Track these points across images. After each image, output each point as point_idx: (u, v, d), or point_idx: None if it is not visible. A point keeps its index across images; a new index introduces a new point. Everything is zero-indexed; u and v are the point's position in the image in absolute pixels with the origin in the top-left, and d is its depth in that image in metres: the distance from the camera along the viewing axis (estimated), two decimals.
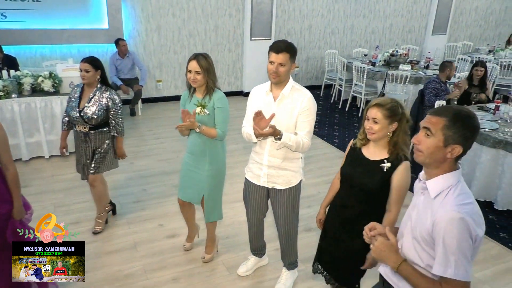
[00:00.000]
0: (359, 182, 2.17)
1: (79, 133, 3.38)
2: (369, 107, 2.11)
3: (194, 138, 2.93)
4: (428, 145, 1.52)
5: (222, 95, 2.89)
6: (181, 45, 7.44)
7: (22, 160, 4.93)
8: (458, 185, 1.53)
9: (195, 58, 2.77)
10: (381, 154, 2.13)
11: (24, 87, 4.84)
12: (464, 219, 1.42)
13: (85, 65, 3.22)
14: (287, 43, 2.51)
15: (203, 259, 3.29)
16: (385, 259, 1.61)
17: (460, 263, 1.43)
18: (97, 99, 3.30)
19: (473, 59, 8.07)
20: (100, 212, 3.65)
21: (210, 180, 2.98)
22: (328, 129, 6.57)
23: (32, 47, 6.49)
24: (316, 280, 3.14)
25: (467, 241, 1.43)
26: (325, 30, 8.79)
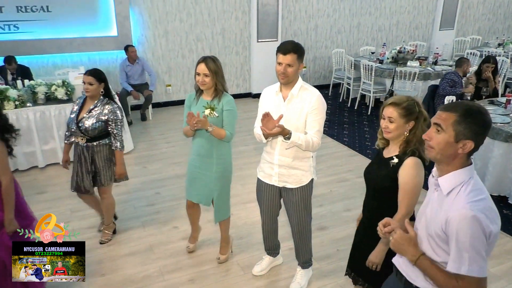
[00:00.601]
0: (370, 179, 2.20)
1: (78, 145, 3.31)
2: (384, 105, 2.09)
3: (200, 140, 2.97)
4: (439, 140, 1.51)
5: (231, 98, 2.95)
6: (189, 49, 7.51)
7: (38, 167, 5.04)
8: (471, 181, 1.52)
9: (204, 60, 2.83)
10: (394, 151, 2.11)
11: (39, 96, 4.95)
12: (476, 216, 1.42)
13: (88, 78, 3.17)
14: (294, 43, 2.55)
15: (218, 259, 3.33)
16: (404, 252, 1.61)
17: (473, 260, 1.43)
18: (96, 111, 3.24)
19: (483, 53, 8.02)
20: (108, 223, 3.63)
21: (218, 181, 3.03)
22: (338, 128, 6.58)
23: (44, 57, 6.62)
24: (330, 278, 3.16)
25: (480, 238, 1.42)
26: (331, 29, 8.80)
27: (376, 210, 2.16)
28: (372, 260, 2.16)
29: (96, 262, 3.36)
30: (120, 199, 4.32)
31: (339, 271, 3.22)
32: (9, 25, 6.24)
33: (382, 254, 2.13)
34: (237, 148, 5.69)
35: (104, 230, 3.64)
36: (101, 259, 3.40)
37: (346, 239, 3.62)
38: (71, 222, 3.92)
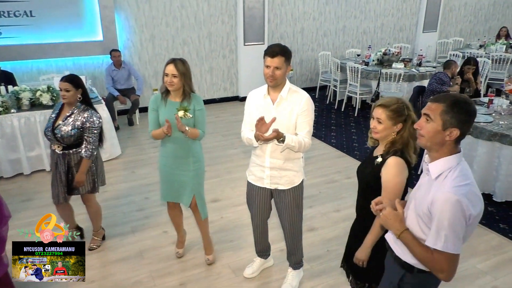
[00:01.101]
0: (358, 176, 2.29)
1: (54, 153, 3.22)
2: (374, 106, 2.14)
3: (174, 142, 2.97)
4: (429, 129, 1.65)
5: (200, 98, 3.02)
6: (175, 53, 7.48)
7: (24, 174, 4.96)
8: (458, 167, 1.65)
9: (173, 62, 2.84)
10: (380, 150, 2.17)
11: (23, 102, 4.88)
12: (459, 200, 1.56)
13: (65, 85, 3.06)
14: (281, 46, 2.57)
15: (208, 261, 3.34)
16: (390, 227, 1.78)
17: (449, 238, 1.59)
18: (73, 118, 3.14)
19: (465, 54, 8.18)
20: (97, 229, 3.59)
21: (196, 179, 3.08)
22: (325, 130, 6.64)
23: (28, 62, 6.53)
24: (321, 278, 3.18)
25: (460, 221, 1.57)
26: (317, 32, 8.88)
27: (363, 207, 2.22)
28: (358, 256, 2.23)
29: (86, 269, 3.30)
30: (108, 204, 4.28)
31: (330, 271, 3.25)
32: None
33: (368, 251, 2.18)
34: (225, 151, 5.70)
35: (93, 236, 3.60)
36: (90, 266, 3.35)
37: (336, 240, 3.66)
38: None
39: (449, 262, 1.62)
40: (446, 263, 1.62)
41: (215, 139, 6.11)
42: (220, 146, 5.87)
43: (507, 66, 8.05)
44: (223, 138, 6.20)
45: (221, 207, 4.24)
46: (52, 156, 3.30)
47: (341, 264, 2.58)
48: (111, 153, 5.44)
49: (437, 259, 1.63)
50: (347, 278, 2.56)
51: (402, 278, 1.85)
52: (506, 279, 3.17)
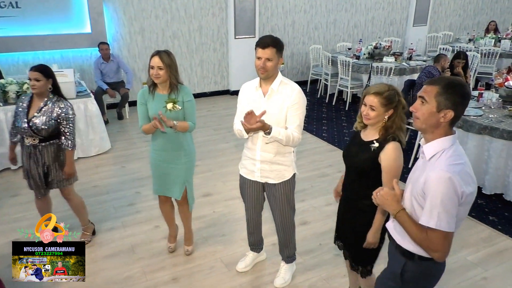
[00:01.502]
0: (350, 161, 2.31)
1: (28, 146, 3.12)
2: (367, 93, 2.18)
3: (164, 137, 2.95)
4: (424, 111, 1.67)
5: (189, 89, 2.98)
6: (165, 46, 7.40)
7: (11, 169, 4.87)
8: (452, 147, 1.68)
9: (158, 54, 2.80)
10: (373, 135, 2.22)
11: (10, 95, 4.77)
12: (451, 178, 1.58)
13: (34, 74, 2.98)
14: (273, 38, 2.55)
15: (187, 251, 3.37)
16: (387, 206, 1.79)
17: (442, 216, 1.61)
18: (47, 109, 3.06)
19: (454, 48, 8.24)
20: (85, 224, 3.54)
21: (187, 171, 3.08)
22: (317, 123, 6.64)
23: (14, 54, 6.40)
24: (314, 272, 3.19)
25: (452, 198, 1.59)
26: (308, 25, 8.85)
27: (359, 190, 2.28)
28: (370, 241, 2.27)
29: None
30: (99, 199, 4.23)
31: (323, 265, 3.26)
32: None
33: (378, 233, 2.25)
34: (217, 145, 5.67)
35: (83, 231, 3.55)
36: None
37: (328, 233, 3.66)
38: None
39: (443, 241, 1.64)
40: (440, 241, 1.64)
41: (207, 133, 6.07)
42: (212, 140, 5.84)
43: (495, 60, 8.14)
44: (215, 132, 6.16)
45: (213, 201, 4.22)
46: (23, 149, 3.18)
47: (335, 241, 2.64)
48: (100, 148, 5.37)
49: (431, 238, 1.65)
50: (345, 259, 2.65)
51: (403, 266, 1.86)
52: (496, 270, 3.21)
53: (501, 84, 4.65)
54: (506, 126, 4.01)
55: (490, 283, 3.09)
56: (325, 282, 3.08)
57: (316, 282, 3.08)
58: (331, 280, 3.10)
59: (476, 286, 3.06)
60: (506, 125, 4.03)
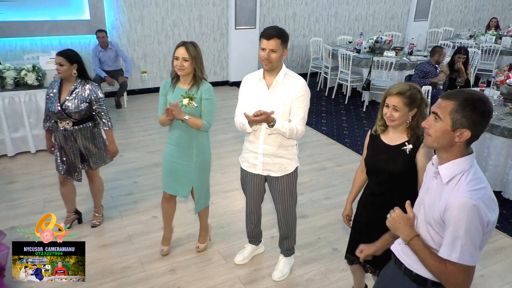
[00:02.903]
0: (384, 169, 2.19)
1: (61, 131, 3.19)
2: (388, 94, 2.11)
3: (179, 130, 2.84)
4: (436, 129, 1.51)
5: (210, 86, 2.82)
6: (165, 35, 7.33)
7: (7, 156, 4.83)
8: (471, 170, 1.51)
9: (184, 44, 2.70)
10: (401, 138, 2.16)
11: (7, 81, 4.71)
12: (476, 205, 1.42)
13: (59, 59, 3.06)
14: (278, 29, 2.50)
15: (197, 248, 3.30)
16: (399, 231, 1.63)
17: (466, 248, 1.45)
18: (78, 92, 3.14)
19: (455, 44, 8.21)
20: (98, 206, 3.61)
21: (198, 171, 2.95)
22: (316, 117, 6.61)
23: (11, 40, 6.31)
24: (312, 265, 3.19)
25: (477, 227, 1.44)
26: (309, 17, 8.78)
27: (394, 194, 2.18)
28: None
29: None
30: None
31: (321, 259, 3.26)
32: None
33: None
34: (216, 137, 5.63)
35: (94, 213, 3.63)
36: None
37: (326, 227, 3.66)
38: (45, 212, 3.72)
39: (464, 275, 1.47)
40: (461, 276, 1.47)
41: None
42: (210, 131, 5.77)
43: (496, 57, 8.12)
44: (213, 123, 6.11)
45: (212, 193, 4.14)
46: (57, 134, 3.25)
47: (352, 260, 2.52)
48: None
49: (450, 272, 1.48)
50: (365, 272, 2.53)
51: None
52: (493, 268, 3.23)
53: (503, 81, 4.63)
54: (507, 124, 4.00)
55: (487, 280, 3.10)
56: (323, 276, 3.08)
57: (314, 275, 3.08)
58: (329, 274, 3.10)
59: (473, 283, 3.05)
60: (506, 123, 4.03)
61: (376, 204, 2.28)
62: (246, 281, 3.02)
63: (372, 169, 2.29)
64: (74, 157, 3.27)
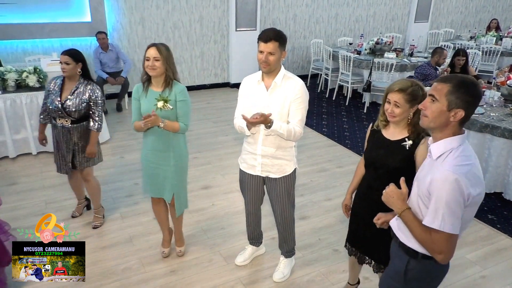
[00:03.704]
0: (383, 163, 2.23)
1: (59, 127, 3.25)
2: (390, 91, 2.15)
3: (154, 135, 2.79)
4: (433, 109, 1.63)
5: (184, 88, 2.78)
6: (166, 37, 7.34)
7: (9, 157, 4.84)
8: (460, 147, 1.64)
9: (154, 45, 2.68)
10: (401, 134, 2.20)
11: (8, 83, 4.72)
12: (457, 179, 1.55)
13: (65, 58, 3.12)
14: (275, 31, 2.51)
15: (179, 253, 3.25)
16: (392, 204, 1.78)
17: (447, 217, 1.58)
18: (79, 92, 3.20)
19: (456, 46, 8.21)
20: (97, 207, 3.63)
21: (176, 173, 2.91)
22: (317, 118, 6.61)
23: (13, 42, 6.33)
24: (313, 267, 3.18)
25: (457, 199, 1.56)
26: (310, 19, 8.79)
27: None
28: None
29: None
30: None
31: (322, 260, 3.25)
32: None
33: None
34: (216, 138, 5.64)
35: (95, 214, 3.65)
36: None
37: (327, 228, 3.66)
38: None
39: (447, 243, 1.61)
40: (443, 243, 1.61)
41: (206, 126, 6.04)
42: (211, 133, 5.81)
43: (496, 58, 8.12)
44: (214, 124, 6.13)
45: (212, 194, 4.21)
46: (56, 131, 3.31)
47: (352, 252, 2.59)
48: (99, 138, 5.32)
49: (435, 239, 1.62)
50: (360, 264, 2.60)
51: (407, 265, 1.84)
52: (494, 269, 3.22)
53: (503, 82, 4.63)
54: (508, 125, 4.00)
55: (488, 281, 3.10)
56: (324, 277, 3.08)
57: (314, 277, 3.08)
58: (330, 275, 3.10)
59: (474, 284, 3.07)
60: (507, 124, 4.02)
61: (373, 198, 2.31)
62: (246, 282, 3.02)
63: (371, 162, 2.32)
64: (66, 153, 3.33)
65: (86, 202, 3.82)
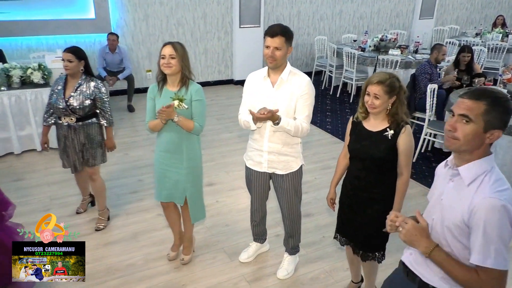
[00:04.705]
0: (368, 154, 2.31)
1: (64, 126, 3.24)
2: (369, 83, 2.24)
3: (169, 135, 2.75)
4: (467, 131, 1.44)
5: (200, 87, 2.74)
6: (169, 34, 7.34)
7: (14, 153, 4.87)
8: (493, 170, 1.47)
9: (170, 43, 2.65)
10: (382, 124, 2.30)
11: (13, 80, 4.74)
12: (505, 206, 1.37)
13: (67, 55, 3.11)
14: (282, 26, 2.51)
15: (182, 261, 3.14)
16: (417, 244, 1.52)
17: (499, 252, 1.39)
18: (83, 89, 3.19)
19: (461, 42, 8.15)
20: (102, 208, 3.57)
21: (189, 177, 2.83)
22: (321, 115, 6.60)
23: (17, 39, 6.35)
24: (317, 264, 3.18)
25: (508, 228, 1.39)
26: (314, 16, 8.76)
27: (375, 180, 2.35)
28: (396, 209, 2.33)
29: None
30: None
31: (325, 257, 3.25)
32: None
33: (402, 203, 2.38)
34: (220, 135, 5.64)
35: (99, 216, 3.60)
36: None
37: (331, 226, 3.64)
38: (51, 210, 3.81)
39: (499, 281, 1.40)
40: (495, 282, 1.40)
41: (210, 123, 6.01)
42: (215, 130, 5.81)
43: (502, 55, 8.05)
44: (218, 121, 6.13)
45: (216, 191, 4.21)
46: (60, 130, 3.31)
47: (341, 242, 2.66)
48: None
49: (485, 280, 1.40)
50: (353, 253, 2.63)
51: None
52: None
53: (510, 79, 4.60)
54: None
55: None
56: (328, 274, 3.08)
57: (318, 274, 3.08)
58: (334, 273, 3.09)
59: None
60: None
61: (360, 186, 2.41)
62: (250, 279, 3.02)
63: (355, 154, 2.39)
64: (73, 152, 3.32)
65: (90, 198, 3.84)
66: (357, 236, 2.51)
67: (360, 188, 2.41)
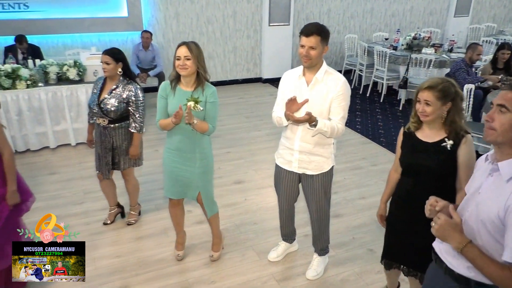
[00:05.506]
0: (424, 166, 2.13)
1: (99, 126, 3.26)
2: (420, 89, 2.08)
3: (181, 134, 2.72)
4: (503, 121, 1.43)
5: (215, 90, 2.72)
6: (199, 32, 7.40)
7: (50, 147, 5.02)
8: None
9: (185, 43, 2.60)
10: (439, 134, 2.11)
11: (50, 76, 4.89)
12: None
13: (105, 57, 3.10)
14: (318, 25, 2.48)
15: (211, 257, 3.16)
16: (450, 239, 1.52)
17: None
18: (118, 92, 3.16)
19: (498, 41, 7.86)
20: (134, 204, 3.64)
21: (202, 176, 2.83)
22: (350, 115, 6.44)
23: (54, 36, 6.54)
24: (346, 266, 3.14)
25: None
26: (344, 13, 8.64)
27: (440, 194, 1.99)
28: None
29: (110, 244, 3.36)
30: None
31: (355, 259, 3.20)
32: (18, 3, 6.16)
33: None
34: (249, 133, 5.64)
35: (130, 211, 3.66)
36: (116, 241, 3.40)
37: (361, 227, 3.60)
38: (84, 203, 3.92)
39: None
40: None
41: (238, 121, 6.05)
42: (243, 128, 5.82)
43: None
44: (246, 119, 6.13)
45: (245, 189, 4.21)
46: (96, 130, 3.33)
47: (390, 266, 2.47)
48: None
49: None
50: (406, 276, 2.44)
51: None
52: None
53: None
54: None
55: None
56: (358, 277, 3.03)
57: (349, 276, 3.03)
58: (364, 275, 3.04)
59: None
60: None
61: (414, 205, 2.16)
62: (279, 279, 3.01)
63: (410, 169, 2.20)
64: (105, 154, 3.30)
65: (119, 210, 3.70)
66: (413, 259, 2.29)
67: (414, 205, 2.12)
